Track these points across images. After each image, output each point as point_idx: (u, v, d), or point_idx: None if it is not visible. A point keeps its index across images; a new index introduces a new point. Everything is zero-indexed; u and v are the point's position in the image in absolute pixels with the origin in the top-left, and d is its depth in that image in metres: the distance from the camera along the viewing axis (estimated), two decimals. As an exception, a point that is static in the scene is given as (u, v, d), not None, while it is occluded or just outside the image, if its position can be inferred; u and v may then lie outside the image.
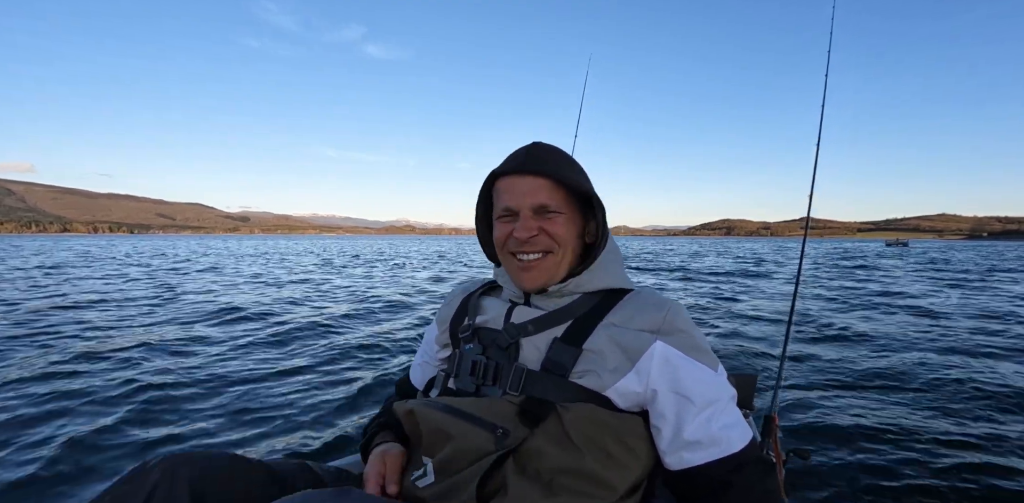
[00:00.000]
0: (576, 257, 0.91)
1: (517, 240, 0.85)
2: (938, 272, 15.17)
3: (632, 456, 0.78)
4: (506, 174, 0.87)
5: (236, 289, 8.97)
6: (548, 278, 0.87)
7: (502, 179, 0.88)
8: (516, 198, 0.85)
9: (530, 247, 0.86)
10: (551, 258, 0.87)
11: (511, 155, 0.89)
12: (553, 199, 0.85)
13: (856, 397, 2.97)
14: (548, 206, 0.85)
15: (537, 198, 0.84)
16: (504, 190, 0.87)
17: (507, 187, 0.87)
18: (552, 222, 0.85)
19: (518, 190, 0.85)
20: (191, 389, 3.04)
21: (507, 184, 0.87)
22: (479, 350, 0.88)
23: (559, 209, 0.85)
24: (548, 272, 0.87)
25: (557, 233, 0.85)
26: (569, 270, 0.90)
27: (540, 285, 0.88)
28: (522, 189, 0.85)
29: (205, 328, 5.13)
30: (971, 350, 4.23)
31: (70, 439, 2.27)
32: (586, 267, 0.88)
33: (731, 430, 0.78)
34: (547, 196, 0.84)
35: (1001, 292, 9.16)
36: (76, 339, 4.46)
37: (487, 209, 0.95)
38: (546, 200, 0.84)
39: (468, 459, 0.74)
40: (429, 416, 0.80)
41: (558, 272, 0.88)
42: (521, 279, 0.88)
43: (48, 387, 3.01)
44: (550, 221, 0.85)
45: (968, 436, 2.40)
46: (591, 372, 0.79)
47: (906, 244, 73.26)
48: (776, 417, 1.24)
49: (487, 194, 0.93)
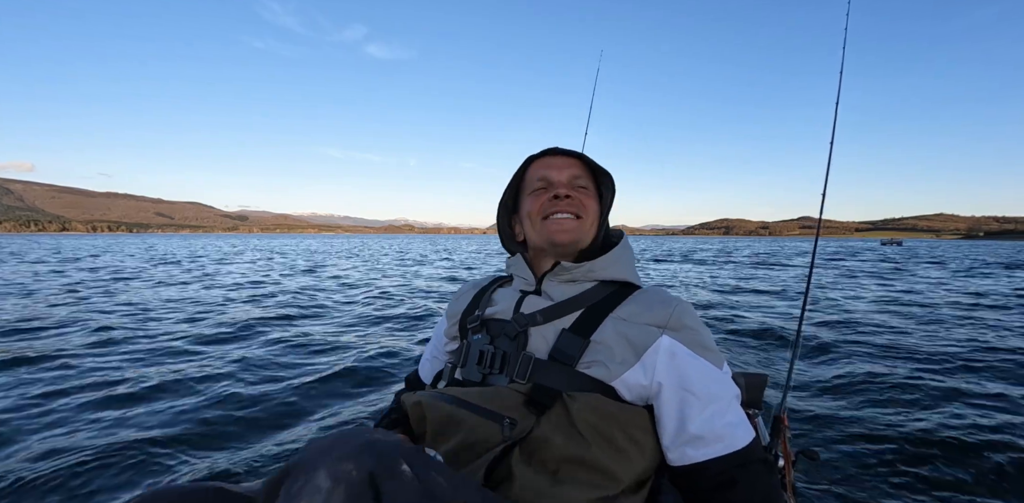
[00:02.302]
0: (596, 237, 0.96)
1: (554, 199, 0.91)
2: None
3: (637, 448, 0.78)
4: (542, 157, 0.96)
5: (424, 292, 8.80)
6: (576, 237, 0.92)
7: (537, 161, 0.96)
8: (553, 171, 0.94)
9: (566, 206, 0.91)
10: (581, 222, 0.92)
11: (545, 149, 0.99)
12: (584, 175, 0.95)
13: (867, 398, 2.94)
14: (580, 177, 0.94)
15: (573, 171, 0.94)
16: (540, 167, 0.95)
17: (544, 164, 0.95)
18: (583, 193, 0.93)
19: (555, 165, 0.94)
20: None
21: (543, 163, 0.95)
22: (487, 340, 0.89)
23: (587, 186, 0.95)
24: (577, 233, 0.92)
25: (587, 203, 0.93)
26: (589, 248, 0.95)
27: (569, 240, 0.91)
28: (559, 164, 0.94)
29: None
30: (980, 352, 4.23)
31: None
32: (602, 253, 0.93)
33: (734, 428, 0.78)
34: (579, 171, 0.94)
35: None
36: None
37: (514, 194, 1.01)
38: (579, 173, 0.94)
39: (476, 451, 0.75)
40: (436, 407, 0.80)
41: (584, 237, 0.93)
42: (553, 235, 0.91)
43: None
44: (581, 192, 0.93)
45: (984, 438, 2.37)
46: (598, 363, 0.80)
47: (900, 243, 74.55)
48: (785, 417, 1.23)
49: (517, 181, 1.00)
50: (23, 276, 10.73)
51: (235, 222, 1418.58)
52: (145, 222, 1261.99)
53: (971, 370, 3.63)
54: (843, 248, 51.10)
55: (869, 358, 3.96)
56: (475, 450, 0.75)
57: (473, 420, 0.77)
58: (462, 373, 0.90)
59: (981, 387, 3.20)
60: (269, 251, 28.87)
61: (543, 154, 0.97)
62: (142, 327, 4.98)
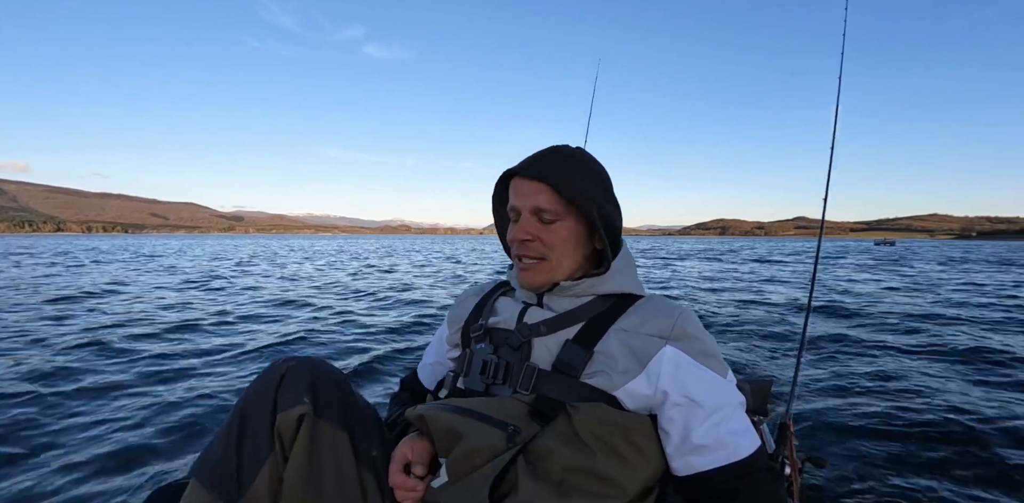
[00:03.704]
0: (584, 261, 0.92)
1: (515, 241, 0.88)
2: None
3: (642, 457, 0.78)
4: (515, 175, 0.89)
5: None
6: (544, 280, 0.89)
7: (513, 179, 0.90)
8: (518, 199, 0.88)
9: (525, 251, 0.88)
10: (545, 264, 0.88)
11: (528, 157, 0.90)
12: (551, 204, 0.85)
13: (877, 402, 2.91)
14: (545, 211, 0.85)
15: (535, 201, 0.85)
16: (512, 190, 0.90)
17: (513, 188, 0.89)
18: (548, 229, 0.87)
19: (520, 192, 0.87)
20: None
21: (514, 185, 0.89)
22: (490, 350, 0.89)
23: (557, 215, 0.86)
24: (543, 275, 0.88)
25: (551, 241, 0.87)
26: (576, 271, 0.91)
27: (536, 285, 0.90)
28: (523, 191, 0.87)
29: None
30: (991, 352, 4.22)
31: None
32: (600, 272, 0.89)
33: (739, 436, 0.78)
34: (545, 200, 0.85)
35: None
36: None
37: (502, 205, 0.97)
38: (544, 204, 0.85)
39: (480, 457, 0.75)
40: (439, 418, 0.79)
41: (556, 276, 0.89)
42: (520, 277, 0.91)
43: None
44: (547, 228, 0.87)
45: (1004, 443, 2.34)
46: (601, 373, 0.80)
47: (893, 243, 75.97)
48: (791, 424, 1.22)
49: (504, 192, 0.95)
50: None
51: (231, 222, 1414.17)
52: (140, 222, 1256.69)
53: (988, 370, 3.61)
54: (840, 248, 51.41)
55: (878, 360, 3.93)
56: (479, 457, 0.75)
57: (476, 427, 0.77)
58: (464, 382, 0.90)
59: (999, 388, 3.18)
60: (312, 252, 28.91)
61: (514, 173, 0.89)
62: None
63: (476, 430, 0.76)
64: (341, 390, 0.87)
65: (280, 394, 0.82)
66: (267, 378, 0.84)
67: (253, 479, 0.78)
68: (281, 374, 0.84)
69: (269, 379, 0.84)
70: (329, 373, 0.88)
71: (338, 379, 0.88)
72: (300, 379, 0.83)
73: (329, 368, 0.89)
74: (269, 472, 0.79)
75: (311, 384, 0.83)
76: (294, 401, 0.81)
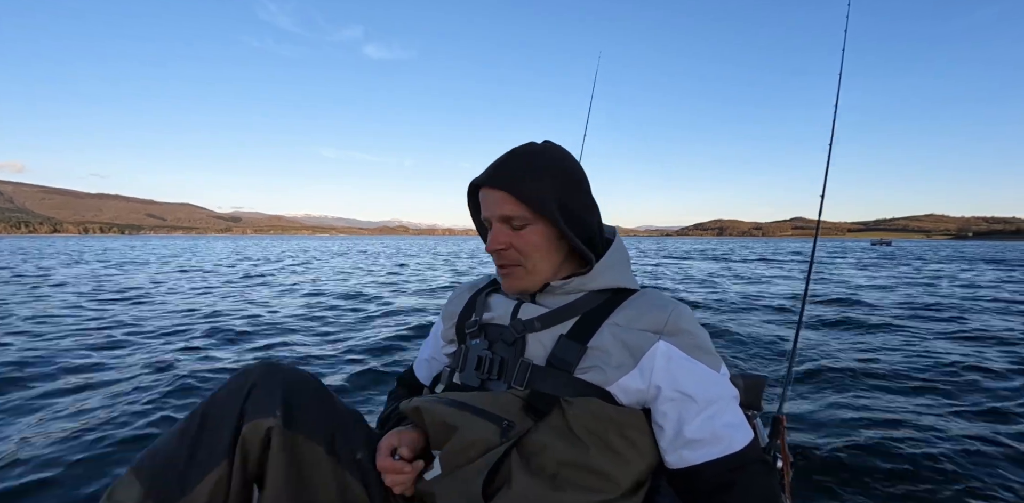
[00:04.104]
0: (567, 259, 0.92)
1: (490, 251, 0.88)
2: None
3: (635, 451, 0.78)
4: (481, 186, 0.88)
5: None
6: (526, 285, 0.90)
7: (480, 190, 0.89)
8: (486, 209, 0.88)
9: (501, 259, 0.88)
10: (521, 270, 0.88)
11: (493, 161, 0.88)
12: (516, 211, 0.84)
13: (867, 398, 2.94)
14: (512, 218, 0.85)
15: (501, 210, 0.85)
16: (480, 201, 0.89)
17: (481, 198, 0.89)
18: (519, 235, 0.86)
19: (487, 202, 0.87)
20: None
21: (481, 195, 0.89)
22: (485, 345, 0.89)
23: (525, 220, 0.85)
24: (523, 280, 0.89)
25: (523, 247, 0.86)
26: (560, 271, 0.91)
27: (519, 290, 0.91)
28: (489, 201, 0.86)
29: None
30: (985, 349, 4.26)
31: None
32: (588, 268, 0.89)
33: (733, 429, 0.78)
34: (510, 208, 0.84)
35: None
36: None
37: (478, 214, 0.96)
38: (509, 212, 0.84)
39: (474, 451, 0.76)
40: (434, 411, 0.80)
41: (537, 280, 0.89)
42: (503, 285, 0.92)
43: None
44: (518, 234, 0.86)
45: (984, 437, 2.37)
46: (595, 368, 0.80)
47: (889, 244, 76.85)
48: (784, 418, 1.23)
49: (477, 201, 0.94)
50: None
51: (228, 223, 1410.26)
52: (137, 223, 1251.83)
53: (976, 366, 3.64)
54: (838, 248, 51.66)
55: (870, 356, 3.97)
56: (473, 450, 0.76)
57: (471, 421, 0.77)
58: (460, 377, 0.91)
59: (986, 383, 3.22)
60: (331, 253, 28.95)
61: (478, 184, 0.88)
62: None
63: (471, 424, 0.77)
64: (318, 396, 0.86)
65: (249, 402, 0.79)
66: (237, 383, 0.82)
67: (198, 482, 0.75)
68: (252, 382, 0.81)
69: (239, 384, 0.81)
70: (304, 380, 0.86)
71: (314, 386, 0.87)
72: (272, 390, 0.81)
73: (303, 374, 0.88)
74: (217, 478, 0.76)
75: (284, 394, 0.81)
76: (264, 412, 0.79)
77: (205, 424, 0.78)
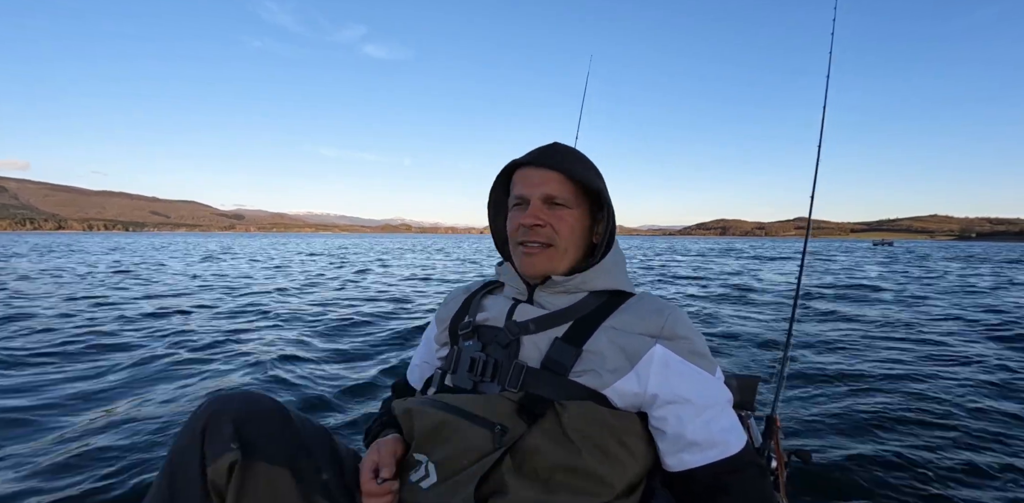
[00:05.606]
0: (582, 255, 0.93)
1: (524, 226, 0.88)
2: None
3: (629, 454, 0.78)
4: (522, 165, 0.91)
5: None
6: (547, 268, 0.90)
7: (519, 170, 0.92)
8: (528, 187, 0.88)
9: (534, 235, 0.88)
10: (552, 251, 0.89)
11: (532, 150, 0.92)
12: (562, 192, 0.88)
13: (859, 398, 2.95)
14: (556, 197, 0.88)
15: (547, 189, 0.87)
16: (519, 180, 0.91)
17: (521, 177, 0.90)
18: (558, 216, 0.88)
19: (530, 180, 0.89)
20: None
21: (522, 175, 0.91)
22: (478, 347, 0.88)
23: (567, 203, 0.88)
24: (548, 262, 0.89)
25: (561, 228, 0.88)
26: (573, 267, 0.92)
27: (538, 272, 0.90)
28: (534, 180, 0.88)
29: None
30: (977, 348, 4.25)
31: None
32: (591, 265, 0.90)
33: (729, 433, 0.79)
34: (556, 188, 0.87)
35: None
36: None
37: (501, 196, 0.99)
38: (555, 192, 0.87)
39: (468, 458, 0.75)
40: (426, 414, 0.80)
41: (558, 265, 0.90)
42: (523, 264, 0.91)
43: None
44: (556, 215, 0.88)
45: (975, 436, 2.38)
46: (591, 371, 0.80)
47: (891, 244, 77.42)
48: (778, 419, 1.24)
49: (504, 183, 0.97)
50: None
51: (231, 221, 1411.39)
52: (141, 220, 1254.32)
53: (970, 363, 3.65)
54: (837, 248, 51.60)
55: (864, 356, 3.97)
56: (467, 457, 0.75)
57: (464, 426, 0.76)
58: (452, 379, 0.90)
59: (980, 380, 3.21)
60: (349, 251, 28.71)
61: (524, 163, 0.91)
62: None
63: (463, 430, 0.76)
64: (276, 421, 0.83)
65: (207, 444, 0.77)
66: (192, 427, 0.78)
67: None
68: (203, 423, 0.78)
69: (194, 428, 0.78)
70: (257, 406, 0.83)
71: (269, 409, 0.83)
72: (223, 424, 0.78)
73: (258, 399, 0.84)
74: None
75: (237, 425, 0.78)
76: (222, 449, 0.76)
77: (175, 480, 0.76)
